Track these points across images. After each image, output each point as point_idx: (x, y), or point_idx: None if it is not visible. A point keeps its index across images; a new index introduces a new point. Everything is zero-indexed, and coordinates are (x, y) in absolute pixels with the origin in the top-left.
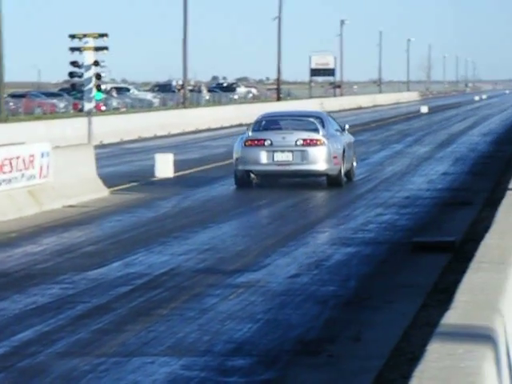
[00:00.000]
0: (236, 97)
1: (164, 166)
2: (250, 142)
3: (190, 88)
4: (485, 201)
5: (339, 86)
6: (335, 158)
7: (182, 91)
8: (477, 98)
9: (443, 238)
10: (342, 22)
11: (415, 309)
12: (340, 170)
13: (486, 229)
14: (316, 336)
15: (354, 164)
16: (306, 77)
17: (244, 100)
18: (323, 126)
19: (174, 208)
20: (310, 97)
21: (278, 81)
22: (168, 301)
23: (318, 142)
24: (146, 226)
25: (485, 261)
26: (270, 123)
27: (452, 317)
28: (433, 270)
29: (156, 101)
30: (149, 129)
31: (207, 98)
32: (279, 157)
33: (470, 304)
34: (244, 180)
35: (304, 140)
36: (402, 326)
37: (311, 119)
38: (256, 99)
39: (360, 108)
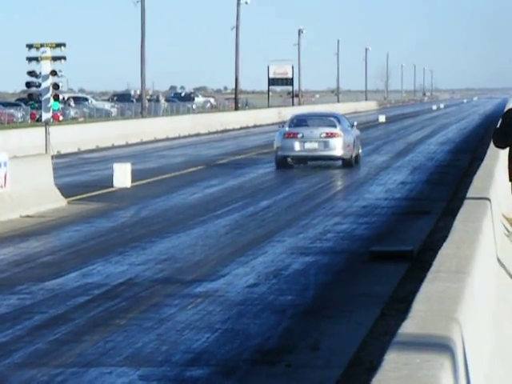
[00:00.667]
0: (194, 106)
1: (122, 176)
2: (287, 135)
3: (148, 97)
4: (442, 210)
5: (297, 96)
6: (348, 146)
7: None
8: (434, 107)
9: (401, 247)
10: (300, 31)
11: (373, 318)
12: (351, 156)
13: (444, 238)
14: (274, 345)
15: (360, 151)
16: (264, 86)
17: (202, 110)
18: (339, 123)
19: (132, 218)
20: (269, 106)
21: (236, 90)
22: (126, 311)
23: (336, 135)
24: (104, 236)
25: (442, 270)
26: (300, 121)
27: (409, 326)
28: (391, 280)
29: (114, 110)
30: (107, 138)
31: (165, 107)
32: (308, 145)
33: (428, 313)
34: (283, 163)
35: (326, 133)
36: (360, 335)
37: (330, 118)
38: (214, 109)
39: None
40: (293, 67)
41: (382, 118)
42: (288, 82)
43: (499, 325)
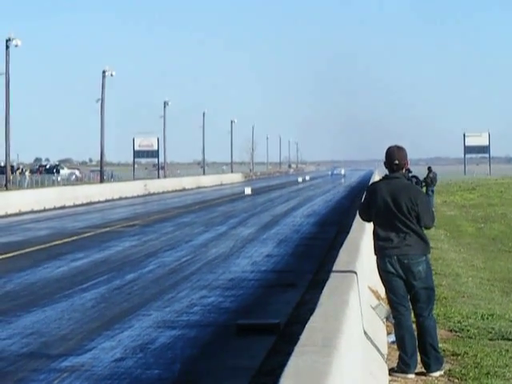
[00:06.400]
0: (59, 179)
1: None
2: (332, 170)
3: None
4: (309, 283)
5: (163, 168)
6: (345, 172)
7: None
8: (300, 179)
9: (268, 320)
10: (166, 104)
11: None
12: (345, 173)
13: (311, 311)
14: None
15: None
16: (129, 158)
17: (67, 182)
18: (342, 168)
19: None
20: (134, 179)
21: (101, 163)
22: None
23: (343, 170)
24: None
25: (309, 344)
26: (334, 167)
27: None
28: (258, 353)
29: None
30: None
31: (30, 179)
32: (337, 171)
33: None
34: (332, 177)
35: (340, 169)
36: None
37: (340, 167)
38: (79, 181)
39: (184, 190)
40: (158, 139)
41: (247, 191)
42: (153, 154)
43: None
